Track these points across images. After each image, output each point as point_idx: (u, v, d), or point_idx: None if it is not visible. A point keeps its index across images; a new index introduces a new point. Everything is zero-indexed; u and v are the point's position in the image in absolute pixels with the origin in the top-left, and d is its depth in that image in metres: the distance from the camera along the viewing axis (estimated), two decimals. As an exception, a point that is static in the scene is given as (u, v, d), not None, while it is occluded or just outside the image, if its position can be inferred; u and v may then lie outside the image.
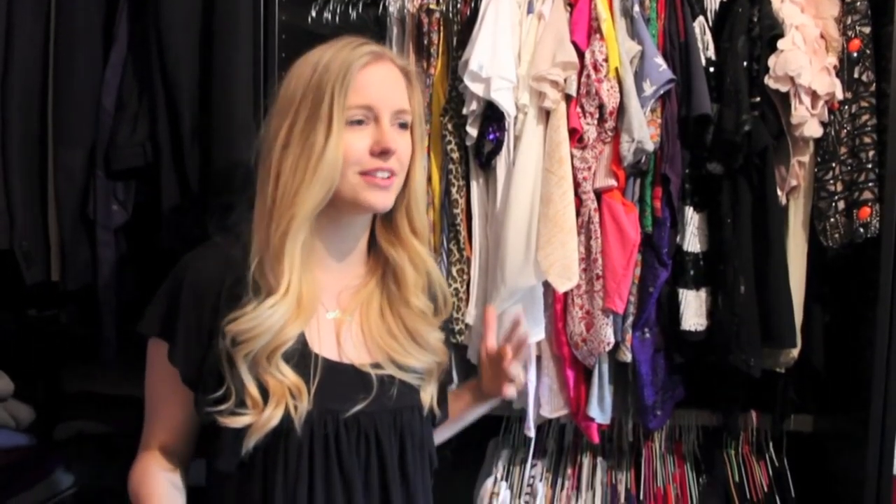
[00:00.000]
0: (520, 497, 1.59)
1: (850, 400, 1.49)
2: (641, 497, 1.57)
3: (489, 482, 1.57)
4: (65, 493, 2.02)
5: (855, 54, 1.44)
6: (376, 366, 1.09)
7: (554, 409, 1.52)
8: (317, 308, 1.07)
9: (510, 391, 1.20)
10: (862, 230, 1.41)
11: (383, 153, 1.03)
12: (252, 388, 1.00)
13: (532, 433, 1.53)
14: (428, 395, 1.13)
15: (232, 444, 1.02)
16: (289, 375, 1.02)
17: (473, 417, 1.31)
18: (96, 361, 1.74)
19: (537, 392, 1.51)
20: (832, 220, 1.44)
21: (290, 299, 1.02)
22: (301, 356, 1.04)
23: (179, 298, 1.05)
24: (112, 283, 1.70)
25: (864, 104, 1.44)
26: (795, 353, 1.48)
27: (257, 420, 1.00)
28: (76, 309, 1.83)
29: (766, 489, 1.58)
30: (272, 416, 1.00)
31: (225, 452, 1.03)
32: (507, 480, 1.62)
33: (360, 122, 1.04)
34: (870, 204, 1.41)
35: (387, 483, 1.07)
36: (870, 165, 1.42)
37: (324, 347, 1.07)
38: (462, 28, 1.53)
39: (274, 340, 1.01)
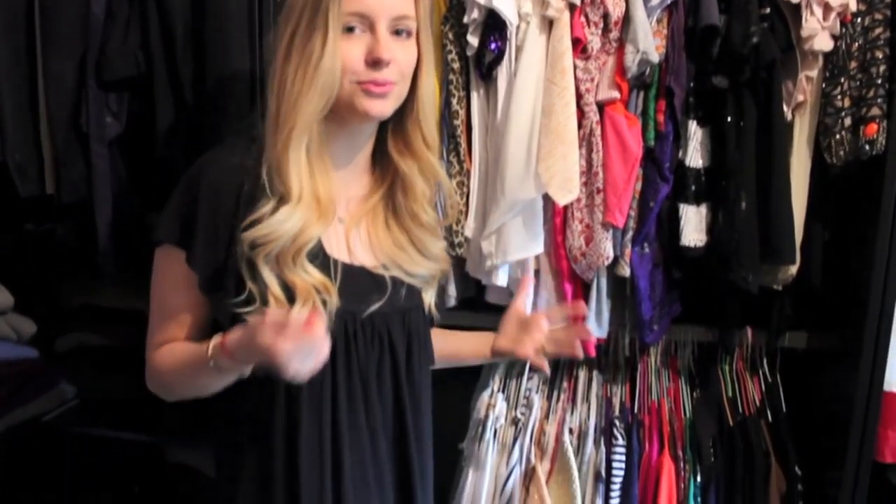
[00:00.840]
0: (516, 409, 1.62)
1: (846, 317, 1.50)
2: (636, 410, 1.59)
3: (486, 395, 1.59)
4: (68, 405, 2.05)
5: (871, -37, 1.39)
6: (385, 268, 1.12)
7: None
8: (335, 210, 1.08)
9: (541, 362, 1.28)
10: (867, 147, 1.39)
11: (376, 63, 1.02)
12: (276, 289, 1.02)
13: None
14: (429, 297, 1.17)
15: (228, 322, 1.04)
16: (314, 274, 1.04)
17: (475, 363, 1.38)
18: (95, 275, 1.75)
19: (535, 306, 1.51)
20: (838, 136, 1.42)
21: (306, 203, 1.04)
22: (321, 259, 1.06)
23: (197, 204, 1.04)
24: (108, 195, 1.69)
25: (878, 16, 1.39)
26: (794, 270, 1.48)
27: None
28: (73, 222, 1.83)
29: (758, 404, 1.60)
30: (301, 315, 0.97)
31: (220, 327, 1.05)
32: (503, 393, 1.64)
33: (351, 30, 1.01)
34: (877, 120, 1.39)
35: (398, 379, 1.13)
36: (879, 80, 1.39)
37: (336, 251, 1.09)
38: (464, -67, 1.48)
39: (296, 242, 1.03)
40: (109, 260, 1.74)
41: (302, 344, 0.93)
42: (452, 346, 1.33)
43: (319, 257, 1.05)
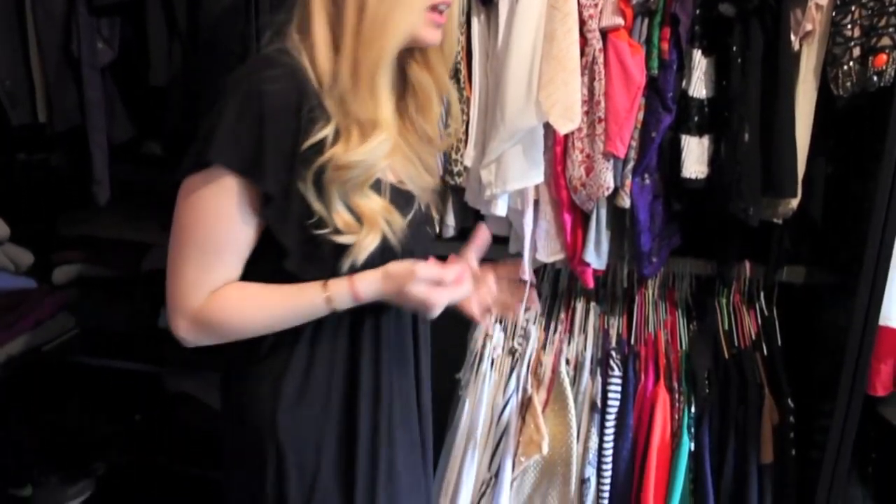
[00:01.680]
0: (513, 339, 1.63)
1: (845, 252, 1.50)
2: (632, 342, 1.60)
3: (483, 324, 1.59)
4: (68, 335, 2.07)
5: None
6: (402, 183, 1.11)
7: (550, 253, 1.53)
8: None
9: (485, 320, 1.26)
10: (876, 78, 1.36)
11: None
12: (346, 215, 1.01)
13: (528, 277, 1.55)
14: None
15: (332, 266, 1.03)
16: (377, 199, 1.04)
17: None
18: (91, 205, 1.73)
19: (533, 236, 1.51)
20: (846, 67, 1.39)
21: (391, 132, 1.03)
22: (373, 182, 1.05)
23: (263, 124, 0.97)
24: (101, 123, 1.67)
25: (893, -59, 1.35)
26: (795, 203, 1.47)
27: (359, 241, 1.01)
28: (66, 151, 1.81)
29: (753, 337, 1.61)
30: (373, 239, 1.02)
31: (324, 273, 1.03)
32: (501, 323, 1.65)
33: None
34: (887, 51, 1.35)
35: None
36: (892, 9, 1.35)
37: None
38: None
39: (372, 169, 1.02)
40: (105, 189, 1.72)
41: (453, 297, 1.05)
42: None
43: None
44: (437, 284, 1.04)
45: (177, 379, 2.12)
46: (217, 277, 1.03)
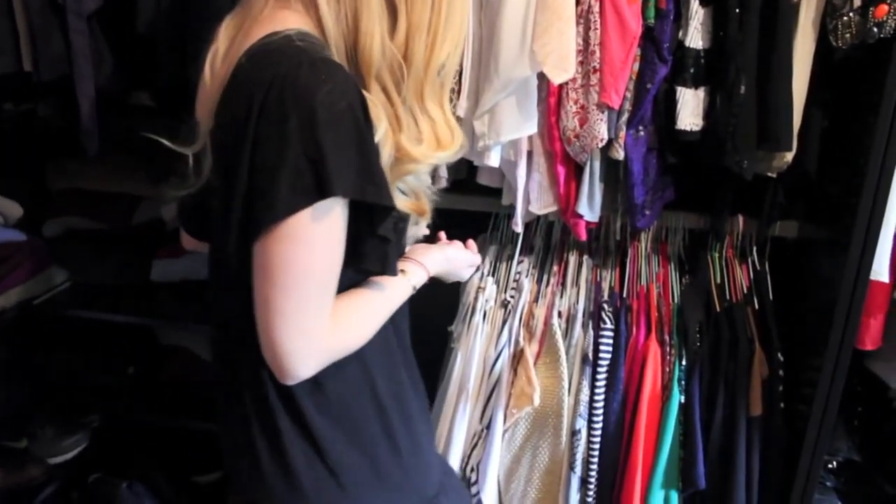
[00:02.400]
0: (505, 292, 1.63)
1: (838, 206, 1.49)
2: (625, 295, 1.61)
3: (476, 277, 1.59)
4: (59, 288, 2.06)
5: None
6: None
7: (543, 205, 1.52)
8: None
9: None
10: (876, 29, 1.33)
11: None
12: (405, 200, 1.01)
13: (520, 229, 1.54)
14: None
15: (394, 253, 1.02)
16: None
17: None
18: (80, 157, 1.71)
19: (527, 188, 1.50)
20: (845, 17, 1.37)
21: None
22: None
23: (366, 142, 0.89)
24: (88, 72, 1.64)
25: None
26: (790, 157, 1.46)
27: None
28: (53, 101, 1.78)
29: (745, 291, 1.61)
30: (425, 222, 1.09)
31: (389, 262, 1.00)
32: (493, 276, 1.65)
33: None
34: (888, 1, 1.33)
35: None
36: (894, -41, 1.33)
37: None
38: None
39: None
40: (94, 140, 1.70)
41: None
42: None
43: None
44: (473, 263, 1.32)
45: (169, 332, 2.12)
46: (330, 303, 0.95)
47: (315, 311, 0.92)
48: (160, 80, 1.73)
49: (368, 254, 0.96)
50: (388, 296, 1.06)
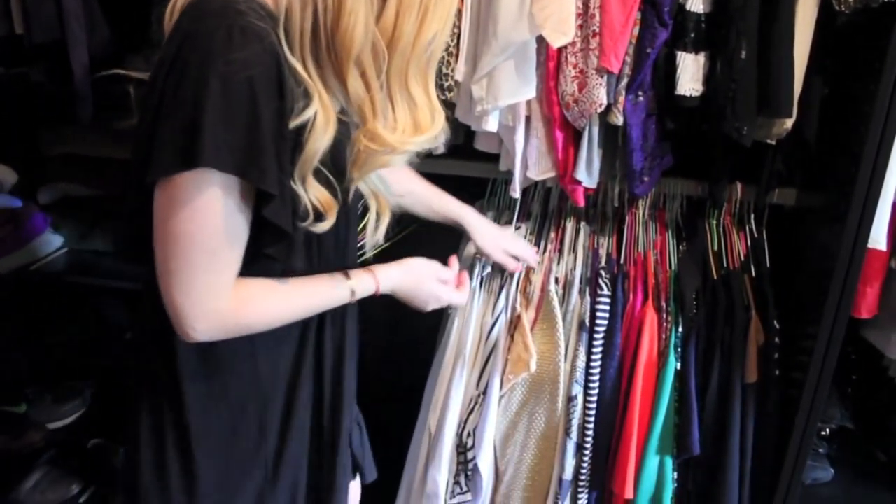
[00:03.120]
0: (503, 258, 1.63)
1: (837, 174, 1.49)
2: (622, 261, 1.60)
3: (472, 245, 1.59)
4: (55, 254, 2.06)
5: None
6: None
7: (541, 171, 1.51)
8: None
9: None
10: (880, -8, 1.32)
11: None
12: (322, 193, 0.97)
13: (517, 195, 1.54)
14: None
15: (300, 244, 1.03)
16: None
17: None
18: (74, 122, 1.69)
19: (524, 154, 1.49)
20: (849, -20, 1.35)
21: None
22: None
23: (258, 124, 0.87)
24: (81, 35, 1.62)
25: None
26: (789, 123, 1.45)
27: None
28: (46, 65, 1.76)
29: (742, 259, 1.61)
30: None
31: (293, 252, 1.02)
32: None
33: None
34: (892, -35, 1.32)
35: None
36: (899, -80, 1.31)
37: None
38: None
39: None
40: (88, 106, 1.68)
41: (453, 300, 1.29)
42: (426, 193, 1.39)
43: None
44: (445, 283, 1.26)
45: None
46: (231, 275, 0.96)
47: (204, 278, 0.93)
48: (154, 45, 1.71)
49: (267, 239, 0.96)
50: (317, 292, 1.07)
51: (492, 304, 1.59)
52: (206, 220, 0.90)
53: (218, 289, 0.95)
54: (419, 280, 1.21)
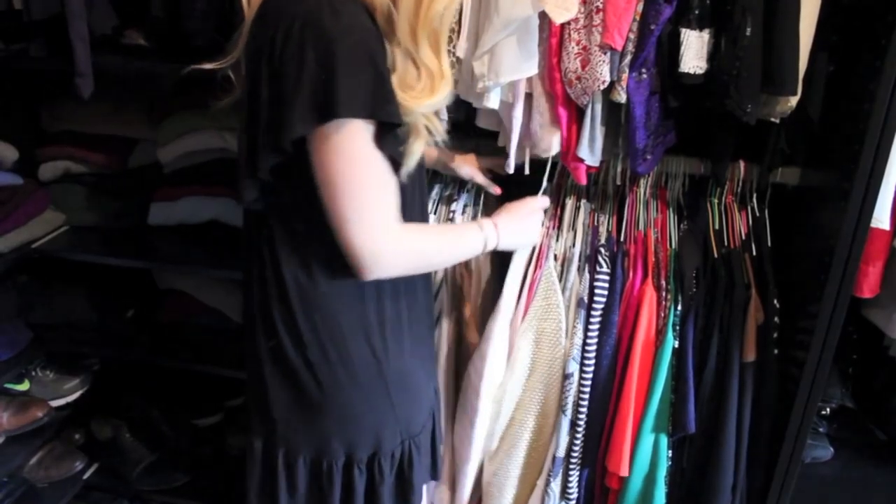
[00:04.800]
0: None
1: (841, 153, 1.48)
2: (622, 240, 1.60)
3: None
4: (58, 231, 2.06)
5: None
6: None
7: (544, 148, 1.50)
8: None
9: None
10: (887, -33, 1.31)
11: None
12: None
13: (511, 170, 1.53)
14: None
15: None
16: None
17: None
18: (75, 99, 1.69)
19: (527, 130, 1.48)
20: (856, -44, 1.34)
21: (451, 83, 1.16)
22: None
23: (378, 68, 1.04)
24: (81, 10, 1.61)
25: None
26: (794, 101, 1.44)
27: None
28: (46, 41, 1.75)
29: (743, 237, 1.61)
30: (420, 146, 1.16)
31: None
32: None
33: None
34: (900, -61, 1.30)
35: None
36: None
37: None
38: None
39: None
40: (88, 82, 1.67)
41: None
42: None
43: None
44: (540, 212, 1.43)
45: (167, 275, 2.13)
46: (395, 211, 1.12)
47: (375, 213, 1.09)
48: (153, 19, 1.70)
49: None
50: (461, 238, 1.27)
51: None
52: (363, 161, 1.06)
53: (388, 224, 1.10)
54: (523, 218, 1.37)
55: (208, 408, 2.34)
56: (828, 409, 1.95)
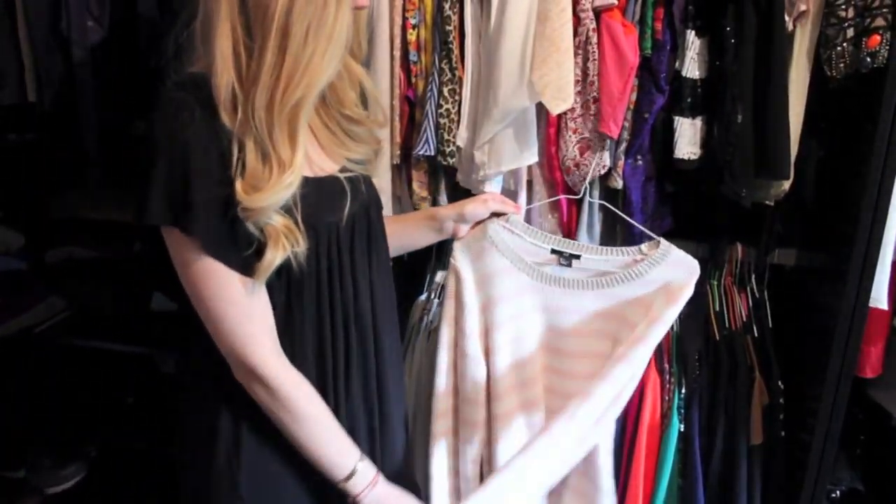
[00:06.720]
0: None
1: (836, 234, 1.50)
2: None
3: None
4: (59, 316, 2.07)
5: None
6: (343, 170, 1.12)
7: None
8: None
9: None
10: (869, 59, 1.35)
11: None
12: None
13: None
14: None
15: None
16: (279, 220, 1.00)
17: (422, 239, 1.38)
18: (83, 187, 1.73)
19: (528, 218, 1.50)
20: (839, 48, 1.39)
21: (302, 165, 1.00)
22: None
23: (194, 171, 0.95)
24: (92, 103, 1.66)
25: (888, -80, 1.34)
26: (787, 185, 1.47)
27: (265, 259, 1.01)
28: (58, 131, 1.80)
29: (744, 319, 1.61)
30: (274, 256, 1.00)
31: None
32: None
33: None
34: (881, 32, 1.35)
35: (375, 268, 1.16)
36: (885, -10, 1.35)
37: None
38: None
39: (278, 203, 0.99)
40: (97, 170, 1.71)
41: None
42: (396, 227, 1.31)
43: None
44: None
45: (168, 359, 2.12)
46: (260, 327, 1.04)
47: (224, 324, 1.01)
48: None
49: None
50: (329, 454, 1.10)
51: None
52: (196, 271, 0.99)
53: (247, 345, 1.02)
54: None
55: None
56: (837, 493, 1.91)
